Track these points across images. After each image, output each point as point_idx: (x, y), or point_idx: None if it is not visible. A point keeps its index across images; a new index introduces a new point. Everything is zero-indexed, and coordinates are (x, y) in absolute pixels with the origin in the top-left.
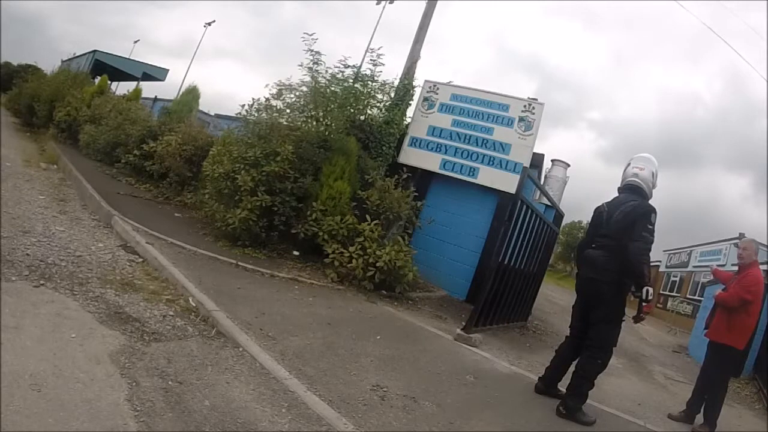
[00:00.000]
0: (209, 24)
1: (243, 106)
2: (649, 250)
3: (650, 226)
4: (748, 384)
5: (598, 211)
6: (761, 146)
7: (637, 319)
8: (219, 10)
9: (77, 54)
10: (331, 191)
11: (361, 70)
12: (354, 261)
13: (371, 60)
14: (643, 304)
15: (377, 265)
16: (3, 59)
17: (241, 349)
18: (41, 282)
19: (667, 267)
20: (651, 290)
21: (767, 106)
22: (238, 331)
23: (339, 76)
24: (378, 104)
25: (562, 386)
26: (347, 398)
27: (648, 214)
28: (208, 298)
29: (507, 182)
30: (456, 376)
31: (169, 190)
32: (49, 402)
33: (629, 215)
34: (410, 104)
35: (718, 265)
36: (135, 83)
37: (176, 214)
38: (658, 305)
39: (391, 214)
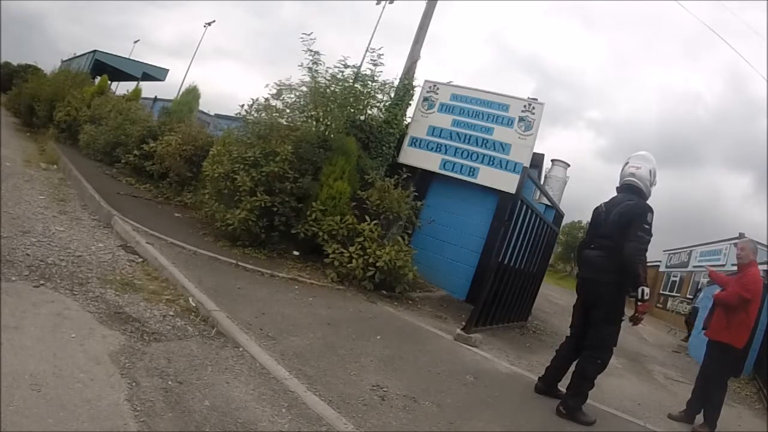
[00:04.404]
0: (209, 24)
1: (242, 106)
2: (646, 250)
3: (646, 226)
4: (748, 384)
5: (596, 212)
6: (761, 146)
7: (635, 320)
8: (219, 10)
9: (77, 54)
10: (331, 191)
11: (361, 70)
12: (354, 261)
13: (371, 60)
14: (639, 303)
15: (377, 265)
16: (3, 59)
17: (241, 349)
18: (41, 282)
19: (667, 267)
20: (647, 290)
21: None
22: (238, 331)
23: (339, 76)
24: (378, 104)
25: (562, 386)
26: (347, 398)
27: (644, 213)
28: (208, 298)
29: (507, 182)
30: (456, 376)
31: (169, 190)
32: (49, 402)
33: (625, 215)
34: (410, 104)
35: (719, 265)
36: (135, 83)
37: (176, 214)
38: (658, 305)
39: (391, 214)
